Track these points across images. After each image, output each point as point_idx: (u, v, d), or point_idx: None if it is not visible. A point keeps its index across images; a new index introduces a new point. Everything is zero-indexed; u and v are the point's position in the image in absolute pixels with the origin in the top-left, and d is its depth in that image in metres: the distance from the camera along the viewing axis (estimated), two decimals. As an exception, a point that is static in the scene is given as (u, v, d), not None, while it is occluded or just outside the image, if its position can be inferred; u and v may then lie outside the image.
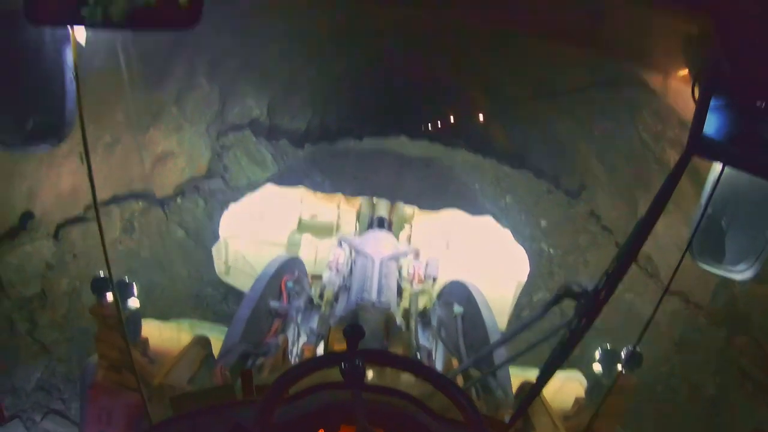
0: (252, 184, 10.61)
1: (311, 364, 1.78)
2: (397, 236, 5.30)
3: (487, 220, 6.07)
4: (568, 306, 1.97)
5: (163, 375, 2.59)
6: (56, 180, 6.60)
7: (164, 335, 3.37)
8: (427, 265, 4.62)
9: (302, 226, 5.54)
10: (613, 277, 1.71)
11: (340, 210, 5.52)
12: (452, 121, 25.99)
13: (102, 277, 2.63)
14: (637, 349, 2.58)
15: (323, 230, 5.36)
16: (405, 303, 4.34)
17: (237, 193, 10.29)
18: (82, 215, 7.00)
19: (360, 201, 5.66)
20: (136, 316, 2.78)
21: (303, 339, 3.85)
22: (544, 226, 11.37)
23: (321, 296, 4.36)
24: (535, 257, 10.48)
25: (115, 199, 7.88)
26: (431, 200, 10.72)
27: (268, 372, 2.90)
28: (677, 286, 7.98)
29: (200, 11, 1.37)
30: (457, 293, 4.25)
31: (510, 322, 5.43)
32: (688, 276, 7.56)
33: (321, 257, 5.13)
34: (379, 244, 4.69)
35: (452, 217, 5.92)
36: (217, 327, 4.11)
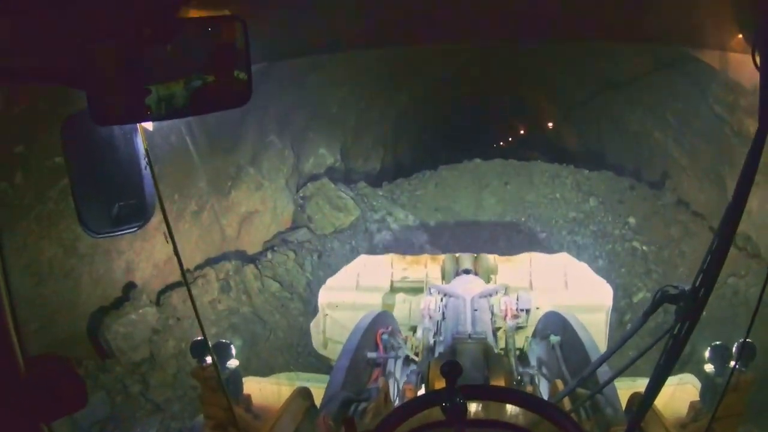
0: (338, 230, 10.92)
1: (412, 405, 1.76)
2: None
3: (564, 256, 6.14)
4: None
5: (268, 430, 2.59)
6: (151, 251, 6.98)
7: (266, 391, 3.38)
8: (518, 299, 4.58)
9: (394, 288, 5.67)
10: (710, 272, 1.59)
11: (428, 268, 5.55)
12: (523, 133, 25.90)
13: (200, 340, 2.69)
14: (749, 340, 2.35)
15: (414, 289, 5.45)
16: (501, 342, 4.28)
17: (325, 240, 10.60)
18: (180, 281, 7.38)
19: (443, 258, 5.68)
20: (237, 375, 2.82)
21: (403, 381, 3.79)
22: (633, 223, 11.06)
23: (416, 350, 4.34)
24: (628, 257, 10.26)
25: (209, 262, 8.26)
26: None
27: (371, 417, 2.84)
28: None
29: (251, 88, 1.47)
30: (553, 324, 4.18)
31: (608, 346, 5.13)
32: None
33: (414, 314, 5.16)
34: (468, 285, 4.71)
35: (531, 258, 5.92)
36: (317, 378, 4.15)
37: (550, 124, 21.12)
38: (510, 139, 26.72)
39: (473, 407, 2.11)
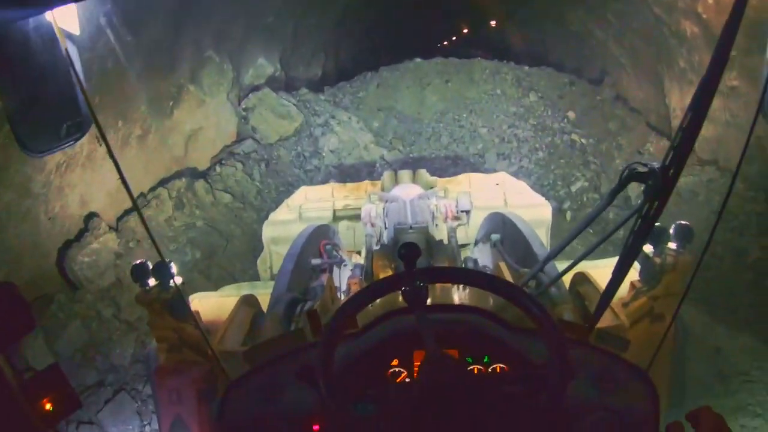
0: (283, 138, 10.99)
1: (367, 293, 1.64)
2: None
3: (502, 175, 6.22)
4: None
5: (217, 342, 2.53)
6: (102, 180, 6.97)
7: (213, 304, 3.31)
8: (457, 201, 4.60)
9: (337, 217, 5.69)
10: (681, 150, 1.54)
11: (368, 193, 5.50)
12: (466, 32, 25.77)
13: (140, 263, 2.65)
14: (686, 222, 2.49)
15: (357, 216, 5.34)
16: (444, 237, 4.25)
17: (272, 149, 10.70)
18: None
19: (382, 178, 5.70)
20: (180, 294, 2.69)
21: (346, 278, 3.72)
22: (572, 117, 11.42)
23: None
24: (567, 149, 10.67)
25: (161, 183, 8.34)
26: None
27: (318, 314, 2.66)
28: (711, 156, 7.92)
29: None
30: (494, 224, 4.08)
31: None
32: (723, 145, 7.60)
33: (359, 239, 5.19)
34: (407, 190, 4.73)
35: (470, 178, 6.04)
36: (263, 286, 4.09)
37: (494, 23, 21.07)
38: (453, 38, 26.61)
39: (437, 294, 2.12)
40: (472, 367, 1.86)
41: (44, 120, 1.52)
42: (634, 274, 2.79)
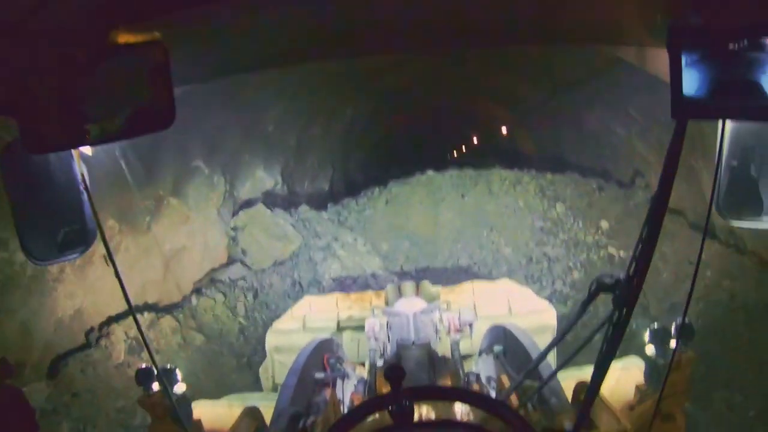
0: (277, 263, 9.69)
1: (358, 410, 1.77)
2: None
3: (506, 282, 6.33)
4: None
5: None
6: (53, 306, 6.07)
7: (216, 414, 3.34)
8: (460, 314, 4.51)
9: (341, 327, 5.74)
10: (642, 259, 1.65)
11: (373, 305, 5.49)
12: (477, 142, 25.06)
13: (145, 368, 2.65)
14: (686, 321, 2.55)
15: (361, 327, 5.08)
16: (447, 352, 4.31)
17: (263, 275, 9.36)
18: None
19: (386, 291, 5.74)
20: (186, 400, 2.78)
21: (350, 392, 3.85)
22: (605, 227, 10.10)
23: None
24: (605, 265, 9.35)
25: (117, 317, 7.00)
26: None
27: (320, 430, 2.84)
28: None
29: (174, 110, 1.39)
30: (495, 337, 4.19)
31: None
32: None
33: (362, 350, 5.24)
34: (410, 303, 4.74)
35: (473, 287, 6.03)
36: (268, 397, 4.18)
37: (504, 130, 20.32)
38: (464, 148, 25.83)
39: (424, 410, 2.11)
40: None
41: (50, 231, 1.57)
42: (639, 377, 2.89)
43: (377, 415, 1.83)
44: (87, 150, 1.58)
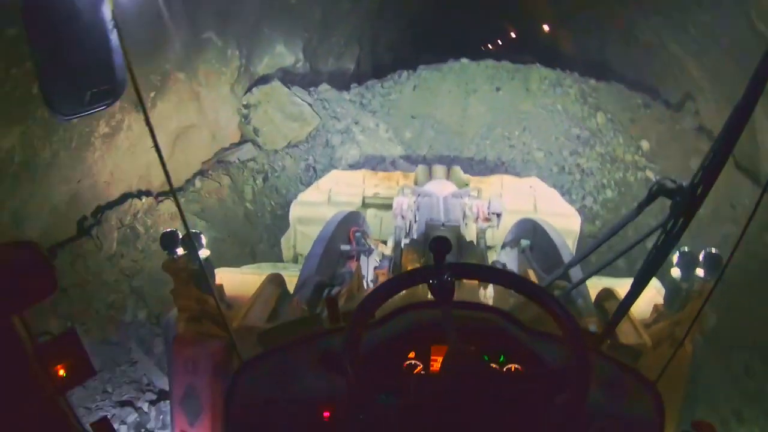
0: (292, 144, 9.06)
1: (397, 281, 1.70)
2: None
3: (534, 180, 6.23)
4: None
5: (241, 317, 2.60)
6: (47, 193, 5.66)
7: (238, 280, 3.28)
8: (490, 203, 4.44)
9: (366, 204, 5.74)
10: (711, 169, 1.55)
11: (400, 184, 5.43)
12: (514, 36, 23.57)
13: (170, 232, 2.57)
14: (715, 251, 2.41)
15: (386, 205, 5.43)
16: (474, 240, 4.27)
17: (275, 157, 8.76)
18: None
19: (416, 171, 5.72)
20: (208, 266, 2.70)
21: (372, 267, 3.92)
22: (646, 148, 9.33)
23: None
24: (641, 189, 8.58)
25: (111, 204, 6.52)
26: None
27: (344, 301, 2.86)
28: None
29: None
30: (524, 230, 4.19)
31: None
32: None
33: (385, 229, 5.27)
34: (441, 186, 4.79)
35: (502, 180, 6.02)
36: (289, 267, 4.17)
37: (546, 27, 18.96)
38: (500, 41, 24.31)
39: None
40: (490, 364, 1.88)
41: (75, 82, 1.45)
42: (656, 297, 2.85)
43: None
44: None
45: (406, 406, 1.51)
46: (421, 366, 1.87)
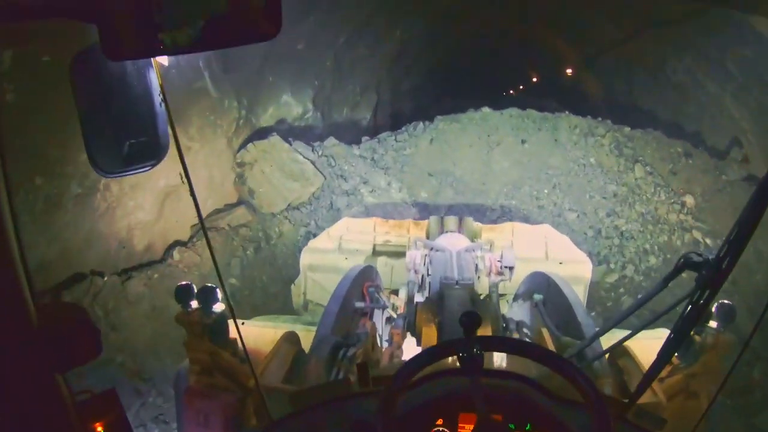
0: (292, 206, 8.15)
1: (430, 353, 1.74)
2: None
3: (545, 228, 6.25)
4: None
5: (259, 375, 2.60)
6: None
7: (252, 334, 3.19)
8: (502, 256, 4.46)
9: (376, 252, 5.76)
10: (736, 243, 1.58)
11: (410, 234, 5.66)
12: (536, 80, 22.66)
13: (185, 285, 2.65)
14: (729, 302, 2.50)
15: (396, 253, 5.56)
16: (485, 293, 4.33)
17: (272, 222, 7.85)
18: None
19: (429, 220, 5.70)
20: (223, 319, 2.70)
21: (389, 329, 3.97)
22: (690, 204, 8.28)
23: (397, 309, 4.52)
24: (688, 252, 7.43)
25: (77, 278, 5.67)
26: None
27: (360, 360, 2.87)
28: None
29: (280, 17, 1.29)
30: (536, 284, 4.14)
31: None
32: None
33: (396, 277, 5.31)
34: (453, 240, 4.80)
35: (513, 228, 6.04)
36: (302, 320, 4.40)
37: (570, 71, 18.12)
38: (521, 86, 23.34)
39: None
40: None
41: (119, 143, 1.50)
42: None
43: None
44: (164, 60, 1.69)
45: None
46: None
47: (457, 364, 1.72)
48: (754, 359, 6.14)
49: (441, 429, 1.88)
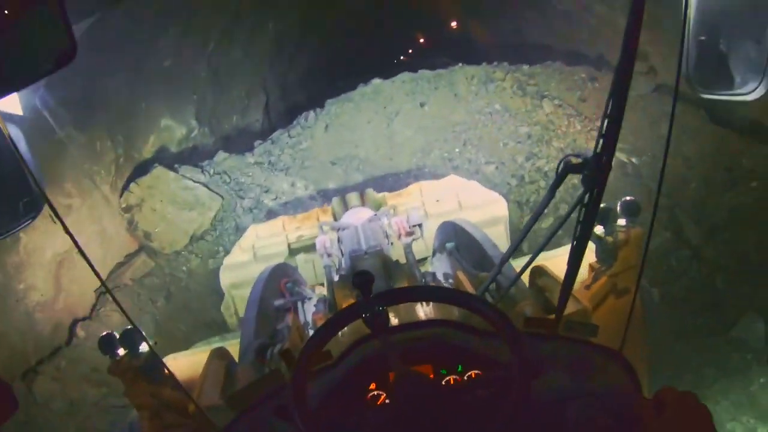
0: (195, 238, 7.46)
1: (330, 325, 1.74)
2: None
3: (452, 179, 6.29)
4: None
5: (195, 398, 2.53)
6: None
7: (188, 362, 3.30)
8: (408, 217, 4.51)
9: (293, 250, 5.77)
10: (609, 135, 1.65)
11: (320, 222, 5.24)
12: (429, 38, 22.32)
13: (106, 335, 2.60)
14: (631, 198, 2.69)
15: (313, 246, 5.25)
16: (401, 259, 4.14)
17: (177, 261, 7.15)
18: None
19: (332, 205, 5.53)
20: (153, 357, 2.71)
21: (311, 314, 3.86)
22: (607, 126, 7.89)
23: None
24: (619, 181, 7.25)
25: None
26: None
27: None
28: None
29: (74, 43, 1.36)
30: (447, 234, 4.21)
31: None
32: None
33: (319, 270, 5.16)
34: (357, 214, 4.79)
35: (420, 187, 6.05)
36: (233, 336, 4.38)
37: (454, 23, 17.91)
38: (410, 50, 22.90)
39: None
40: (448, 378, 1.89)
41: (1, 202, 1.56)
42: (590, 256, 2.99)
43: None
44: (18, 111, 1.87)
45: None
46: (385, 395, 1.87)
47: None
48: (714, 270, 6.03)
49: (377, 392, 1.88)
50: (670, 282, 6.07)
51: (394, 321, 2.03)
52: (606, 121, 1.63)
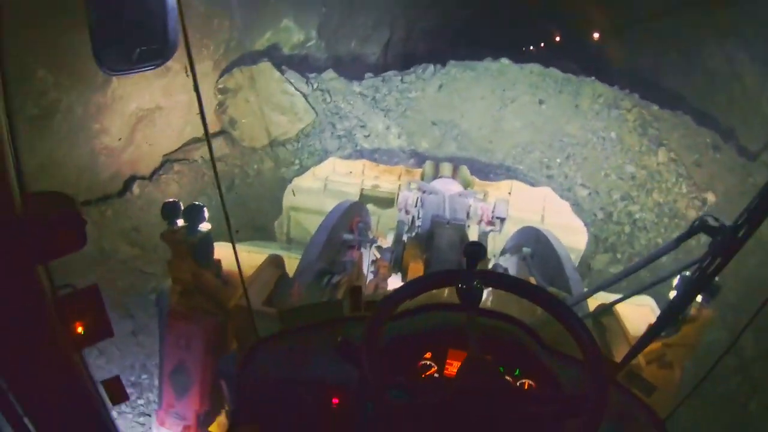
0: (276, 142, 7.36)
1: (425, 281, 1.71)
2: None
3: (546, 191, 6.12)
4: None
5: (239, 296, 2.59)
6: None
7: (231, 256, 2.76)
8: (494, 207, 4.47)
9: (363, 197, 5.60)
10: (757, 212, 1.55)
11: (401, 181, 5.47)
12: (566, 40, 21.58)
13: (172, 202, 2.58)
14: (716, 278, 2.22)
15: (384, 201, 5.45)
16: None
17: (251, 157, 7.07)
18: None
19: (424, 167, 5.56)
20: (208, 240, 2.64)
21: (370, 259, 3.94)
22: (711, 202, 7.58)
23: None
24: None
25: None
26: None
27: (344, 290, 2.95)
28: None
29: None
30: (526, 238, 4.08)
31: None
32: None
33: (382, 228, 5.06)
34: (448, 184, 4.79)
35: (512, 185, 5.91)
36: (289, 251, 4.02)
37: (597, 36, 17.22)
38: (543, 44, 22.23)
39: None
40: (506, 377, 1.88)
41: (126, 39, 1.45)
42: (650, 316, 2.81)
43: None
44: None
45: (416, 405, 1.52)
46: (436, 368, 1.87)
47: (448, 300, 1.71)
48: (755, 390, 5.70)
49: (428, 362, 1.86)
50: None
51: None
52: (758, 198, 1.55)
